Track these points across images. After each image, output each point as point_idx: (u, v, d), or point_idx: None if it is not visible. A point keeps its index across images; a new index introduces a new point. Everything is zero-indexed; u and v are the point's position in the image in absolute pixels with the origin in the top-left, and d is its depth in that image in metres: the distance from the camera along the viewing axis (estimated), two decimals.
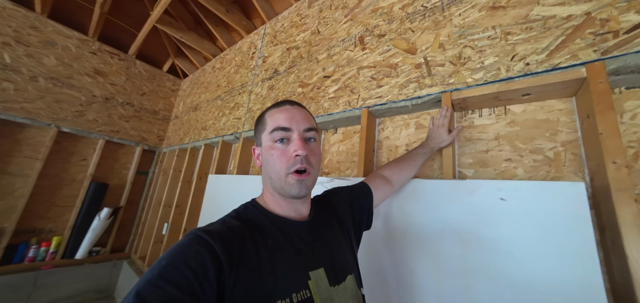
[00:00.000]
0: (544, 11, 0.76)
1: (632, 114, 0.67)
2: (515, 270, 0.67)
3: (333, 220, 0.61)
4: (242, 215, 0.50)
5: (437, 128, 0.85)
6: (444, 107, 0.87)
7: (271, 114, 0.53)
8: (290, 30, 1.72)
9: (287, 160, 0.48)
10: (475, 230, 0.74)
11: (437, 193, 0.83)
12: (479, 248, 0.73)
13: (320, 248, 0.52)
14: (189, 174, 2.46)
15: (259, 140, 0.54)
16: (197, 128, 2.49)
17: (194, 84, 2.93)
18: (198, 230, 0.42)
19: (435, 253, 0.79)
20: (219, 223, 0.46)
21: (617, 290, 0.60)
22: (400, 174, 0.81)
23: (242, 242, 0.43)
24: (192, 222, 2.08)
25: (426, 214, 0.83)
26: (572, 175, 0.72)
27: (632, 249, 0.54)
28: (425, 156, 0.85)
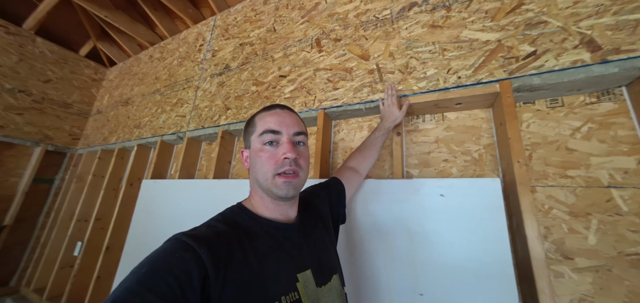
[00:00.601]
0: (470, 34, 0.89)
1: (527, 123, 0.84)
2: (452, 257, 0.75)
3: (317, 220, 0.62)
4: (229, 219, 0.49)
5: (388, 107, 0.90)
6: (389, 86, 0.93)
7: (261, 116, 0.53)
8: (244, 25, 1.61)
9: (275, 162, 0.49)
10: (420, 224, 0.82)
11: (389, 192, 0.88)
12: (424, 240, 0.80)
13: (307, 249, 0.52)
14: (115, 180, 2.05)
15: (248, 142, 0.54)
16: (128, 126, 2.10)
17: (125, 74, 2.47)
18: (181, 234, 0.40)
19: (387, 247, 0.84)
20: (204, 227, 0.45)
21: (520, 264, 0.74)
22: (366, 161, 0.86)
23: (229, 247, 0.42)
24: (118, 237, 1.73)
25: (381, 212, 0.88)
26: (491, 173, 0.86)
27: (529, 230, 0.67)
28: (384, 137, 0.88)
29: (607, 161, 0.72)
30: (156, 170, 1.75)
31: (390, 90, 0.92)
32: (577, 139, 0.77)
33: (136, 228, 1.59)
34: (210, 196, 1.33)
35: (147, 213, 1.59)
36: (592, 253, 0.70)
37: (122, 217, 1.82)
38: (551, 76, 0.74)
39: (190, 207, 1.37)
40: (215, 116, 1.51)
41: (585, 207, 0.73)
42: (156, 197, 1.57)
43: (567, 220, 0.74)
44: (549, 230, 0.76)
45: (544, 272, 0.65)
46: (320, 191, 0.72)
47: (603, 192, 0.71)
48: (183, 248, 0.37)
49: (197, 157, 1.70)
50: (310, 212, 0.62)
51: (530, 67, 0.77)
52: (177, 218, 1.40)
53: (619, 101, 0.74)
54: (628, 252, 0.66)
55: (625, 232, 0.68)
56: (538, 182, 0.80)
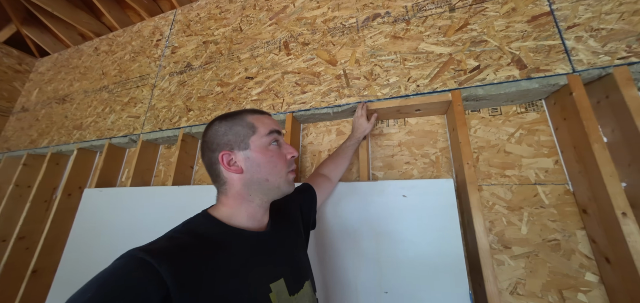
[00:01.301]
0: (426, 47, 0.97)
1: (474, 129, 0.94)
2: (414, 253, 0.80)
3: (289, 225, 0.62)
4: (194, 229, 0.45)
5: (358, 119, 0.95)
6: (360, 102, 0.99)
7: (258, 118, 0.53)
8: (207, 22, 1.52)
9: (284, 161, 0.52)
10: (385, 224, 0.86)
11: (357, 194, 0.91)
12: (388, 239, 0.84)
13: (279, 257, 0.51)
14: (47, 190, 1.75)
15: (243, 143, 0.50)
16: (65, 127, 1.81)
17: (61, 67, 2.13)
18: (137, 250, 0.35)
19: (355, 247, 0.86)
20: (164, 239, 0.41)
21: (470, 255, 0.82)
22: (337, 169, 0.88)
23: (195, 261, 0.38)
24: (50, 258, 1.48)
25: (349, 213, 0.90)
26: (446, 174, 0.95)
27: (477, 225, 0.76)
28: (354, 147, 0.93)
29: (533, 162, 0.85)
30: (103, 178, 1.54)
31: (361, 105, 0.98)
32: (512, 143, 0.89)
33: (75, 247, 1.37)
34: (170, 205, 1.21)
35: (90, 228, 1.38)
36: (524, 242, 0.81)
37: (56, 234, 1.55)
38: (491, 88, 0.85)
39: (147, 218, 1.23)
40: (174, 117, 1.39)
41: (518, 201, 0.84)
42: (102, 209, 1.38)
43: (506, 214, 0.85)
44: (493, 224, 0.86)
45: (488, 261, 0.73)
46: (294, 195, 0.70)
47: (531, 188, 0.84)
48: (139, 266, 0.33)
49: (153, 162, 1.54)
50: (282, 217, 0.61)
51: (475, 79, 0.87)
52: (130, 232, 1.24)
53: (540, 111, 0.88)
54: (549, 239, 0.79)
55: (547, 221, 0.80)
56: (484, 181, 0.90)
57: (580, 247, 0.76)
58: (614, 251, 0.68)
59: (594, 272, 0.74)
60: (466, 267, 0.82)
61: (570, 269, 0.76)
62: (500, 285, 0.80)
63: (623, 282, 0.66)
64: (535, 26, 0.85)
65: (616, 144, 0.75)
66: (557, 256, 0.77)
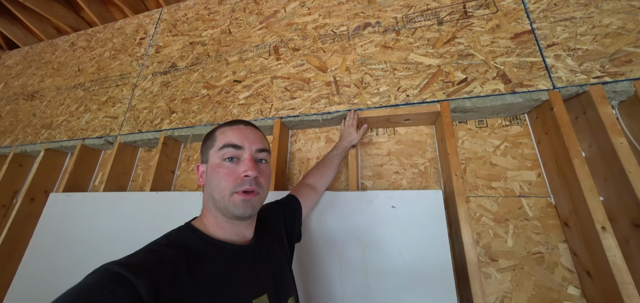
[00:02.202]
0: (416, 58, 0.98)
1: (462, 140, 0.96)
2: (402, 265, 0.78)
3: (272, 239, 0.59)
4: (176, 242, 0.44)
5: (348, 128, 0.93)
6: (351, 110, 0.97)
7: (223, 131, 0.50)
8: (195, 23, 1.47)
9: (234, 179, 0.45)
10: (373, 235, 0.83)
11: (344, 204, 0.88)
12: (376, 250, 0.81)
13: (263, 272, 0.49)
14: (5, 194, 1.59)
15: (205, 157, 0.50)
16: (32, 125, 1.67)
17: (32, 61, 1.98)
18: (112, 264, 0.33)
19: (342, 258, 0.82)
20: (142, 252, 0.39)
21: (458, 267, 0.81)
22: (323, 179, 0.85)
23: (174, 275, 0.36)
24: (4, 271, 1.32)
25: (336, 223, 0.87)
26: (434, 185, 0.94)
27: (466, 237, 0.75)
28: (341, 156, 0.90)
29: (517, 174, 0.87)
30: (73, 181, 1.42)
31: (352, 113, 0.96)
32: (497, 155, 0.90)
33: (34, 258, 1.24)
34: (147, 212, 1.12)
35: (54, 237, 1.25)
36: (510, 254, 0.81)
37: (14, 243, 1.41)
38: (478, 101, 0.87)
39: (121, 226, 1.14)
40: (156, 119, 1.32)
41: (504, 214, 0.85)
42: (70, 215, 1.26)
43: (492, 226, 0.85)
44: (480, 236, 0.86)
45: (476, 275, 0.72)
46: (276, 209, 0.68)
47: (516, 200, 0.85)
48: (114, 280, 0.30)
49: (131, 166, 1.44)
50: (266, 231, 0.58)
51: (463, 91, 0.89)
52: (102, 241, 1.14)
53: (523, 125, 0.91)
54: (534, 251, 0.79)
55: (531, 234, 0.81)
56: (471, 192, 0.90)
57: (562, 260, 0.77)
58: (594, 265, 0.70)
59: (576, 285, 0.74)
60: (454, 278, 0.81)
61: (553, 282, 0.76)
62: (487, 299, 0.79)
63: (604, 296, 0.67)
64: (518, 43, 0.88)
65: (593, 159, 0.78)
66: (541, 269, 0.78)
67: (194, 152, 1.35)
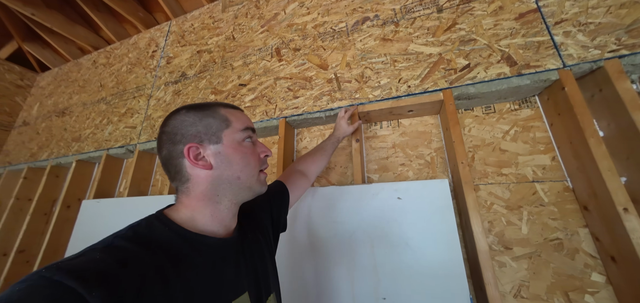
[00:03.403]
0: (416, 48, 0.97)
1: (469, 128, 0.93)
2: (410, 257, 0.78)
3: (256, 230, 0.56)
4: (143, 236, 0.36)
5: (339, 120, 0.94)
6: (342, 108, 0.99)
7: (231, 112, 0.49)
8: (201, 32, 1.54)
9: (257, 159, 0.49)
10: (380, 228, 0.83)
11: (350, 198, 0.89)
12: (384, 243, 0.81)
13: (244, 267, 0.47)
14: (47, 203, 1.75)
15: (213, 137, 0.45)
16: (64, 139, 1.82)
17: (61, 81, 2.16)
18: (54, 269, 0.25)
19: (350, 253, 0.83)
20: (98, 251, 0.31)
21: (470, 258, 0.79)
22: (314, 165, 0.82)
23: (142, 282, 0.30)
24: None
25: (343, 218, 0.88)
26: (442, 175, 0.93)
27: (475, 225, 0.73)
28: (333, 146, 0.90)
29: (530, 159, 0.83)
30: (101, 189, 1.54)
31: (343, 110, 0.97)
32: (507, 141, 0.87)
33: None
34: None
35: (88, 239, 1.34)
36: (526, 242, 0.78)
37: (55, 246, 1.55)
38: (483, 86, 0.84)
39: None
40: None
41: (517, 200, 0.82)
42: (99, 219, 1.37)
43: (505, 213, 0.82)
44: (492, 224, 0.83)
45: (488, 263, 0.70)
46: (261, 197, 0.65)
47: (529, 186, 0.81)
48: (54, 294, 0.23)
49: (150, 172, 1.54)
50: (249, 222, 0.56)
51: (466, 78, 0.86)
52: None
53: (534, 108, 0.87)
54: (551, 238, 0.76)
55: (547, 220, 0.77)
56: (480, 180, 0.88)
57: (583, 246, 0.73)
58: (618, 249, 0.66)
59: (600, 271, 0.70)
60: (466, 270, 0.79)
61: (575, 270, 0.72)
62: (502, 288, 0.77)
63: (630, 282, 0.63)
64: (523, 23, 0.84)
65: (613, 138, 0.73)
66: (561, 256, 0.74)
67: None
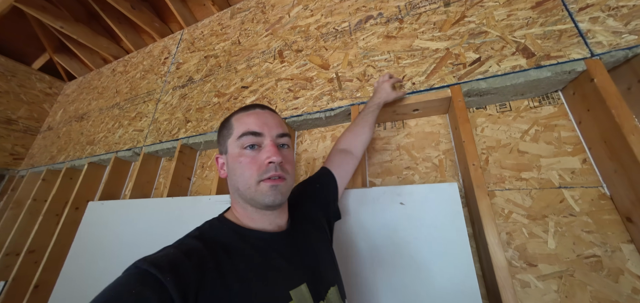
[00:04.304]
0: (421, 44, 0.92)
1: (481, 128, 0.84)
2: (415, 269, 0.68)
3: (308, 223, 0.54)
4: (206, 234, 0.43)
5: (382, 83, 0.80)
6: (386, 73, 0.84)
7: (239, 117, 0.48)
8: (209, 38, 1.59)
9: (258, 167, 0.43)
10: (380, 235, 0.75)
11: (347, 203, 0.82)
12: (385, 253, 0.73)
13: (300, 260, 0.45)
14: (58, 204, 1.81)
15: (224, 147, 0.48)
16: (80, 142, 1.91)
17: (84, 89, 2.31)
18: (142, 261, 0.33)
19: (346, 263, 0.75)
20: (172, 247, 0.38)
21: (485, 274, 0.68)
22: (357, 139, 0.73)
23: (202, 268, 0.35)
24: (50, 273, 1.47)
25: (338, 225, 0.80)
26: (451, 178, 0.83)
27: (490, 236, 0.63)
28: (374, 113, 0.76)
29: (555, 162, 0.73)
30: (108, 190, 1.57)
31: (389, 75, 0.83)
32: (526, 142, 0.77)
33: (75, 260, 1.36)
34: (165, 216, 1.18)
35: (90, 241, 1.37)
36: (554, 258, 0.66)
37: (61, 247, 1.57)
38: (495, 80, 0.76)
39: (144, 230, 1.21)
40: (174, 129, 1.41)
41: (541, 209, 0.71)
42: (104, 221, 1.38)
43: (526, 224, 0.71)
44: (511, 236, 0.72)
45: (507, 282, 0.60)
46: (307, 187, 0.63)
47: (556, 192, 0.70)
48: (141, 280, 0.31)
49: (154, 174, 1.55)
50: (300, 216, 0.54)
51: (477, 72, 0.79)
52: (128, 244, 1.22)
53: (557, 104, 0.77)
54: (586, 255, 0.64)
55: (580, 233, 0.66)
56: (496, 186, 0.78)
57: (629, 265, 0.60)
58: None
59: None
60: (481, 289, 0.68)
61: (620, 295, 0.59)
62: None
63: None
64: (541, 12, 0.77)
65: None
66: (600, 277, 0.62)
67: (208, 159, 1.40)
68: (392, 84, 0.81)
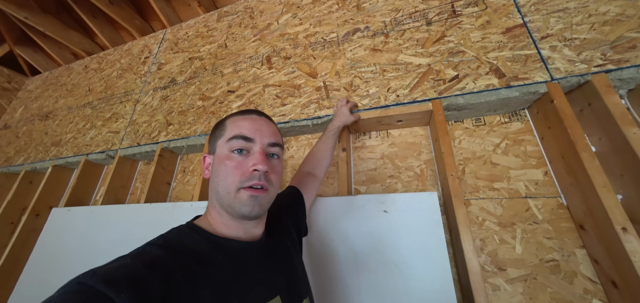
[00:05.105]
0: (405, 58, 0.97)
1: (459, 140, 0.90)
2: (397, 275, 0.71)
3: (283, 236, 0.54)
4: (173, 242, 0.39)
5: (340, 108, 0.89)
6: (344, 98, 0.93)
7: (234, 120, 0.47)
8: (194, 40, 1.55)
9: (242, 173, 0.41)
10: (365, 243, 0.77)
11: (333, 210, 0.83)
12: (369, 260, 0.75)
13: (274, 271, 0.45)
14: (14, 211, 1.63)
15: (213, 147, 0.47)
16: (43, 143, 1.75)
17: (49, 85, 2.12)
18: (88, 275, 0.27)
19: (332, 269, 0.76)
20: (129, 257, 0.33)
21: (461, 279, 0.73)
22: (320, 164, 0.79)
23: (167, 280, 0.31)
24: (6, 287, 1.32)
25: (324, 231, 0.81)
26: (431, 188, 0.88)
27: (466, 243, 0.68)
28: (334, 137, 0.83)
29: (522, 174, 0.80)
30: (76, 196, 1.45)
31: (346, 99, 0.93)
32: (498, 154, 0.84)
33: (32, 274, 1.24)
34: (141, 224, 1.12)
35: (53, 251, 1.26)
36: (520, 263, 0.72)
37: (16, 259, 1.42)
38: (472, 97, 0.82)
39: (116, 239, 1.13)
40: (154, 132, 1.35)
41: (510, 217, 0.77)
42: (70, 229, 1.27)
43: (497, 230, 0.77)
44: (484, 242, 0.78)
45: (480, 286, 0.64)
46: (281, 201, 0.62)
47: (522, 202, 0.77)
48: (88, 300, 0.26)
49: (130, 179, 1.46)
50: (274, 227, 0.53)
51: (455, 88, 0.85)
52: (97, 254, 1.12)
53: (524, 121, 0.85)
54: (547, 259, 0.71)
55: (542, 239, 0.72)
56: (471, 195, 0.83)
57: (582, 269, 0.68)
58: (619, 273, 0.60)
59: (601, 298, 0.65)
60: (457, 293, 0.72)
61: (574, 295, 0.66)
62: None
63: None
64: (510, 37, 0.85)
65: (606, 153, 0.71)
66: (558, 279, 0.68)
67: (190, 163, 1.35)
68: (350, 108, 0.90)
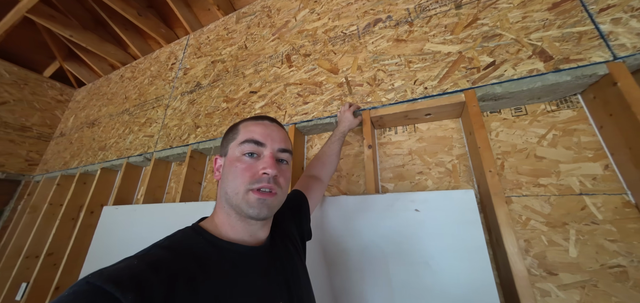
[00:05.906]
0: (432, 47, 0.90)
1: (496, 132, 0.83)
2: (430, 279, 0.68)
3: (285, 239, 0.55)
4: (177, 244, 0.40)
5: (344, 113, 0.90)
6: (346, 103, 0.94)
7: (246, 125, 0.48)
8: (216, 43, 1.59)
9: (252, 175, 0.43)
10: (395, 242, 0.74)
11: (361, 209, 0.82)
12: (400, 261, 0.72)
13: (277, 279, 0.45)
14: (73, 208, 1.85)
15: (224, 150, 0.49)
16: (92, 148, 1.94)
17: (93, 95, 2.35)
18: (98, 275, 0.29)
19: (361, 270, 0.75)
20: (135, 258, 0.35)
21: (503, 283, 0.67)
22: (325, 168, 0.80)
23: (171, 283, 0.32)
24: (69, 276, 1.52)
25: (353, 230, 0.80)
26: (465, 184, 0.82)
27: (508, 244, 0.62)
28: (340, 141, 0.85)
29: (575, 168, 0.71)
30: (121, 195, 1.60)
31: (348, 104, 0.93)
32: (544, 146, 0.76)
33: (92, 263, 1.40)
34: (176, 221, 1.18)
35: (106, 244, 1.41)
36: (575, 267, 0.65)
37: (78, 250, 1.61)
38: (511, 85, 0.74)
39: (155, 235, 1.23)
40: (184, 135, 1.43)
41: (561, 216, 0.69)
42: (117, 225, 1.41)
43: (545, 231, 0.70)
44: (530, 244, 0.71)
45: (527, 291, 0.59)
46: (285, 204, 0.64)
47: (576, 199, 0.69)
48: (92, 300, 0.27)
49: (165, 179, 1.57)
50: (279, 232, 0.54)
51: (491, 76, 0.77)
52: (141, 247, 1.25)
53: (576, 108, 0.75)
54: (610, 264, 0.62)
55: (603, 241, 0.64)
56: (513, 192, 0.76)
57: None
58: None
59: None
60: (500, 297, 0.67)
61: None
62: None
63: None
64: (558, 13, 0.74)
65: None
66: (626, 288, 0.60)
67: None
68: (353, 111, 0.90)
